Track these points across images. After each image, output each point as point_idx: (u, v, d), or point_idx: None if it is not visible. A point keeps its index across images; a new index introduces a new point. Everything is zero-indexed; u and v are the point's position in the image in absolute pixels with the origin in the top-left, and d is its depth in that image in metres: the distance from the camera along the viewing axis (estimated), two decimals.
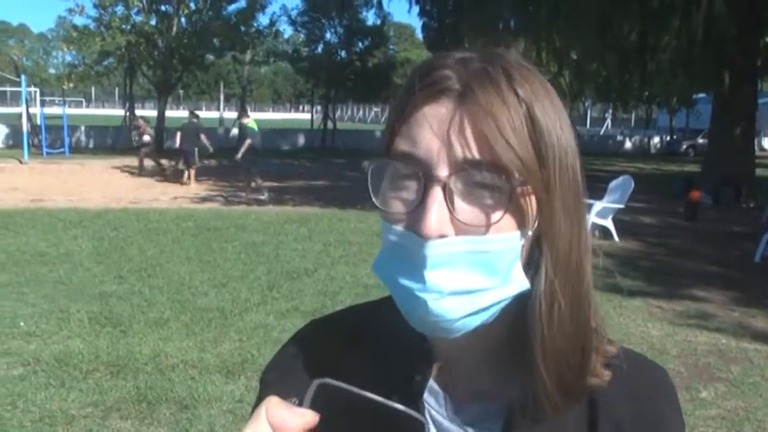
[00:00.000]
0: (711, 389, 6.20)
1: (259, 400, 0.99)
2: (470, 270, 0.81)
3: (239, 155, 18.32)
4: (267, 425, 0.72)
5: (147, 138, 24.21)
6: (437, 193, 0.79)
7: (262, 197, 18.17)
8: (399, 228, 0.83)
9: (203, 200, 18.19)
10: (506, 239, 0.82)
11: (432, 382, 0.94)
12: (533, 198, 0.83)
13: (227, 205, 17.30)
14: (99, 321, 7.52)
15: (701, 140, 41.46)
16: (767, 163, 33.67)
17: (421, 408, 0.91)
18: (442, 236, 0.79)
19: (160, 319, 7.64)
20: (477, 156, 0.79)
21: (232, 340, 7.06)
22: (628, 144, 51.00)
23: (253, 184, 18.37)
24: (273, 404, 0.74)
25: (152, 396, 5.66)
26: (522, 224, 0.83)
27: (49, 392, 5.71)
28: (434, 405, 0.94)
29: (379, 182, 0.86)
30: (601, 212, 13.49)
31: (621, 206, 13.81)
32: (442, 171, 0.79)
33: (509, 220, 0.81)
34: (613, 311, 8.41)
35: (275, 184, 21.85)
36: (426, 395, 0.93)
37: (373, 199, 0.86)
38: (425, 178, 0.80)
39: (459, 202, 0.80)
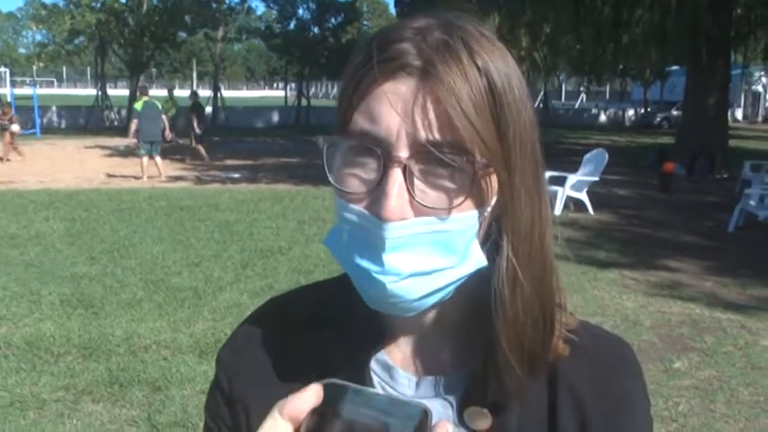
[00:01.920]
0: (685, 359, 6.23)
1: (215, 378, 1.00)
2: (429, 251, 0.80)
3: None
4: (282, 421, 0.68)
5: (15, 127, 23.16)
6: (397, 175, 0.77)
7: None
8: (357, 207, 0.81)
9: (176, 179, 18.06)
10: (465, 218, 0.81)
11: (386, 357, 0.92)
12: (494, 176, 0.81)
13: (200, 184, 17.19)
14: (71, 303, 7.45)
15: (674, 113, 41.69)
16: (740, 134, 33.98)
17: (367, 380, 0.89)
18: (401, 218, 0.78)
19: (133, 300, 7.58)
20: (439, 137, 0.77)
21: (205, 320, 7.02)
22: (602, 117, 51.24)
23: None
24: (281, 403, 0.70)
25: (124, 378, 5.61)
26: (480, 203, 0.82)
27: (20, 376, 5.65)
28: (388, 380, 0.92)
29: (334, 159, 0.84)
30: (575, 185, 13.53)
31: (596, 179, 13.87)
32: (403, 152, 0.77)
33: (469, 201, 0.80)
34: (588, 284, 8.44)
35: (249, 162, 21.76)
36: (378, 369, 0.92)
37: (329, 176, 0.83)
38: (385, 158, 0.78)
39: (419, 185, 0.78)
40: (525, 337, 0.86)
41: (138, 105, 18.18)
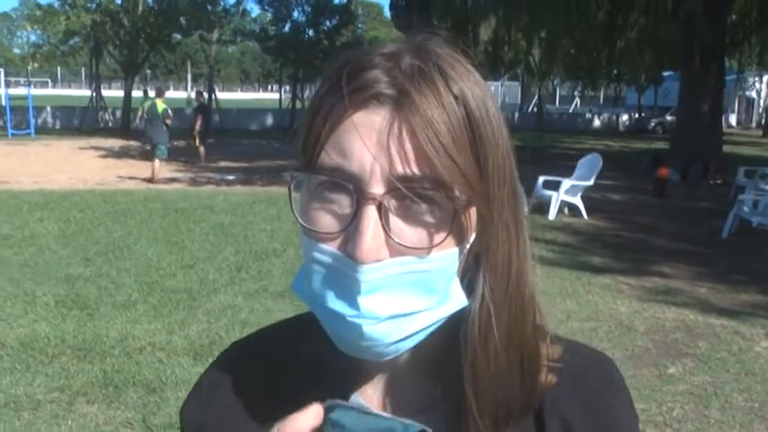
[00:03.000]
0: (679, 365, 6.25)
1: None
2: (408, 292, 0.76)
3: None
4: None
5: None
6: (371, 213, 0.72)
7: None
8: (328, 247, 0.76)
9: (171, 180, 18.05)
10: (444, 257, 0.76)
11: (359, 399, 0.86)
12: (473, 211, 0.78)
13: (194, 186, 17.17)
14: (65, 304, 7.44)
15: (669, 118, 41.74)
16: (734, 140, 34.04)
17: None
18: (377, 260, 0.73)
19: (127, 302, 7.57)
20: (416, 171, 0.72)
21: (200, 322, 7.01)
22: (596, 122, 51.34)
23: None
24: (281, 423, 0.70)
25: (119, 379, 5.61)
26: (461, 240, 0.78)
27: (15, 377, 5.64)
28: None
29: (300, 194, 0.79)
30: (570, 190, 13.54)
31: (590, 184, 13.88)
32: (377, 188, 0.72)
33: (449, 239, 0.76)
34: (582, 289, 8.45)
35: (244, 164, 21.76)
36: None
37: (295, 216, 0.79)
38: (358, 195, 0.73)
39: (396, 222, 0.74)
40: (502, 378, 0.82)
41: (160, 108, 18.12)
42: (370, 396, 0.88)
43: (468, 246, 0.79)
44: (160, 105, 18.26)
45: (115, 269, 8.86)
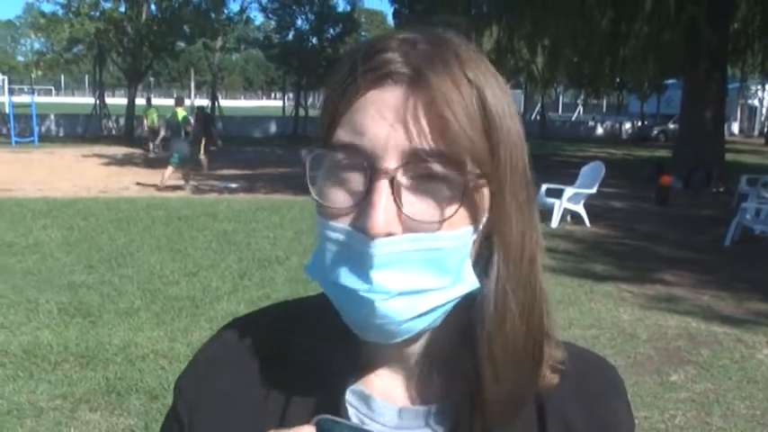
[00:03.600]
0: (681, 372, 6.24)
1: (173, 407, 0.95)
2: (420, 269, 0.76)
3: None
4: None
5: None
6: (384, 187, 0.73)
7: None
8: (340, 224, 0.77)
9: (174, 188, 18.05)
10: (458, 236, 0.77)
11: (362, 388, 0.87)
12: (486, 191, 0.78)
13: (197, 194, 17.19)
14: (68, 312, 7.44)
15: (671, 126, 41.78)
16: (737, 148, 34.04)
17: (342, 412, 0.84)
18: (389, 234, 0.74)
19: (130, 309, 7.58)
20: (429, 146, 0.73)
21: (203, 329, 7.01)
22: (599, 130, 51.38)
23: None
24: None
25: (122, 387, 5.61)
26: (474, 219, 0.78)
27: (18, 384, 5.64)
28: (366, 411, 0.86)
29: (317, 173, 0.80)
30: (572, 198, 13.54)
31: (593, 191, 13.88)
32: (390, 163, 0.74)
33: (462, 215, 0.76)
34: (584, 296, 8.45)
35: (247, 171, 21.77)
36: (354, 400, 0.87)
37: (311, 191, 0.80)
38: (371, 170, 0.74)
39: (408, 197, 0.75)
40: (513, 366, 0.82)
41: (180, 116, 18.11)
42: (373, 385, 0.88)
43: (480, 226, 0.79)
44: (180, 113, 18.22)
45: (118, 277, 8.87)
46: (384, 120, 0.74)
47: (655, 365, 6.38)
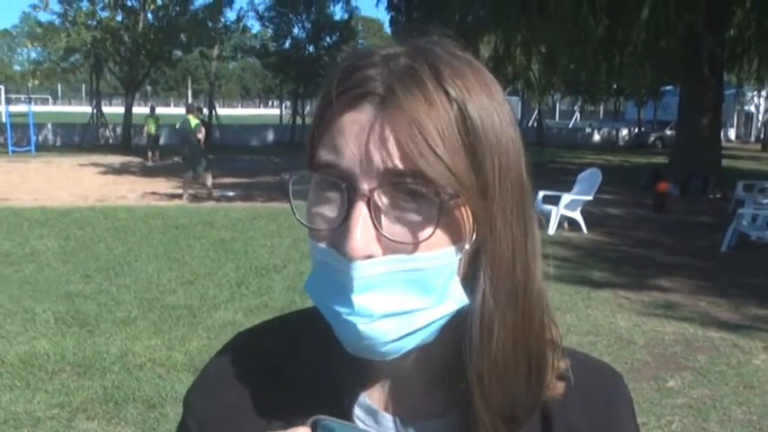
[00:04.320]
0: (678, 378, 6.25)
1: (182, 423, 0.95)
2: (403, 290, 0.75)
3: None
4: None
5: None
6: (361, 209, 0.73)
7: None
8: (324, 246, 0.77)
9: (171, 197, 18.06)
10: (439, 256, 0.76)
11: (368, 401, 0.87)
12: (468, 209, 0.77)
13: (195, 202, 17.18)
14: (65, 321, 7.44)
15: (668, 132, 41.79)
16: (734, 154, 34.10)
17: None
18: (368, 256, 0.73)
19: (127, 318, 7.58)
20: (400, 166, 0.72)
21: (200, 338, 7.02)
22: (596, 136, 51.39)
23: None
24: None
25: (119, 396, 5.61)
26: (457, 238, 0.77)
27: (14, 394, 5.64)
28: (372, 425, 0.87)
29: (301, 195, 0.80)
30: (569, 205, 13.55)
31: (590, 198, 13.89)
32: (366, 184, 0.73)
33: (441, 236, 0.75)
34: (582, 303, 8.45)
35: (244, 180, 21.77)
36: (361, 414, 0.87)
37: (295, 215, 0.80)
38: (348, 191, 0.74)
39: (386, 218, 0.74)
40: (506, 383, 0.81)
41: (193, 124, 18.01)
42: (378, 398, 0.88)
43: (467, 245, 0.78)
44: (193, 121, 18.10)
45: (115, 286, 8.86)
46: (359, 141, 0.74)
47: (652, 371, 6.38)
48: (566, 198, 13.49)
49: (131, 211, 15.33)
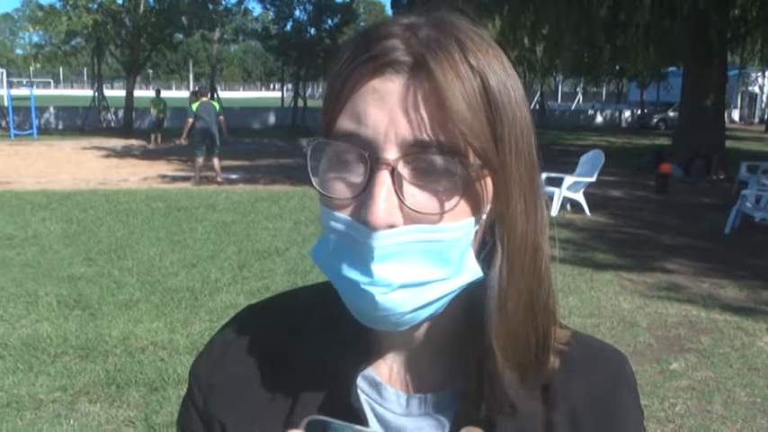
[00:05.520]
0: (682, 360, 6.24)
1: (189, 392, 0.95)
2: (421, 261, 0.75)
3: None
4: None
5: None
6: (384, 178, 0.73)
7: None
8: (342, 215, 0.76)
9: (173, 180, 18.05)
10: (460, 227, 0.76)
11: (373, 374, 0.88)
12: (488, 180, 0.77)
13: (196, 185, 17.16)
14: (68, 304, 7.44)
15: (671, 114, 41.75)
16: (737, 135, 34.04)
17: (354, 398, 0.83)
18: (390, 225, 0.73)
19: (130, 301, 7.57)
20: (430, 136, 0.72)
21: (202, 321, 7.01)
22: (599, 118, 51.35)
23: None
24: None
25: (121, 379, 5.61)
26: (476, 209, 0.78)
27: (17, 377, 5.64)
28: (376, 397, 0.87)
29: (318, 163, 0.80)
30: (572, 186, 13.54)
31: (592, 180, 13.87)
32: (391, 153, 0.73)
33: (464, 206, 0.76)
34: (584, 285, 8.44)
35: (246, 163, 21.76)
36: (365, 386, 0.87)
37: (312, 181, 0.79)
38: (372, 161, 0.73)
39: (409, 188, 0.74)
40: (517, 353, 0.82)
41: (193, 107, 17.85)
42: (383, 371, 0.89)
43: (483, 216, 0.79)
44: (194, 105, 17.89)
45: (117, 269, 8.86)
46: (385, 109, 0.74)
47: (655, 354, 6.37)
48: (568, 180, 13.48)
49: (133, 193, 15.32)
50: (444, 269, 0.77)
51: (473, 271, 0.80)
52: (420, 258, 0.75)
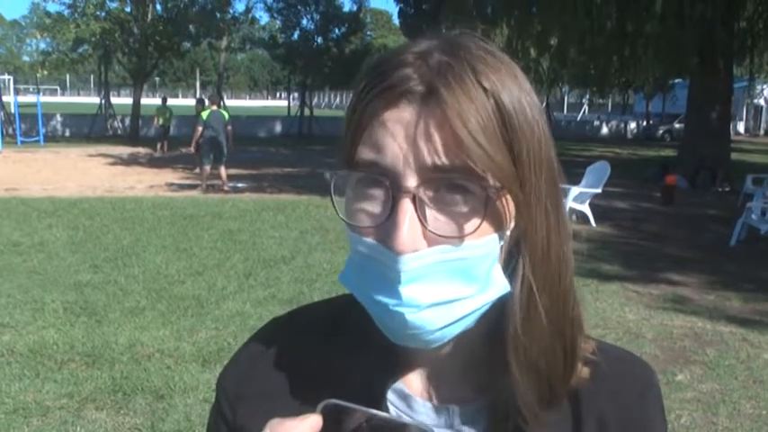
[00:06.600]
0: (687, 372, 6.23)
1: (217, 403, 0.96)
2: (448, 280, 0.77)
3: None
4: None
5: None
6: (407, 206, 0.75)
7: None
8: (369, 239, 0.78)
9: (180, 188, 18.09)
10: (483, 245, 0.78)
11: (403, 387, 0.89)
12: (509, 198, 0.79)
13: (203, 193, 17.19)
14: (74, 311, 7.46)
15: (677, 125, 41.66)
16: (743, 147, 33.99)
17: (384, 411, 0.82)
18: (414, 250, 0.75)
19: (136, 309, 7.59)
20: (446, 162, 0.74)
21: (208, 329, 7.02)
22: (604, 129, 51.30)
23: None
24: (275, 423, 0.71)
25: (128, 386, 5.62)
26: (499, 227, 0.79)
27: (24, 383, 5.65)
28: (406, 410, 0.88)
29: (342, 193, 0.82)
30: (578, 197, 13.53)
31: (598, 191, 13.86)
32: (411, 181, 0.75)
33: (485, 226, 0.77)
34: (590, 296, 8.43)
35: (252, 171, 21.78)
36: (395, 399, 0.88)
37: (337, 212, 0.81)
38: (393, 189, 0.76)
39: (431, 213, 0.76)
40: (543, 365, 0.83)
41: (203, 115, 17.88)
42: (412, 385, 0.89)
43: (508, 232, 0.81)
44: (204, 113, 17.96)
45: (123, 276, 8.88)
46: (401, 138, 0.76)
47: (660, 365, 6.36)
48: (574, 191, 13.47)
49: (139, 201, 15.36)
50: (472, 286, 0.79)
51: (501, 285, 0.82)
52: (446, 277, 0.77)
